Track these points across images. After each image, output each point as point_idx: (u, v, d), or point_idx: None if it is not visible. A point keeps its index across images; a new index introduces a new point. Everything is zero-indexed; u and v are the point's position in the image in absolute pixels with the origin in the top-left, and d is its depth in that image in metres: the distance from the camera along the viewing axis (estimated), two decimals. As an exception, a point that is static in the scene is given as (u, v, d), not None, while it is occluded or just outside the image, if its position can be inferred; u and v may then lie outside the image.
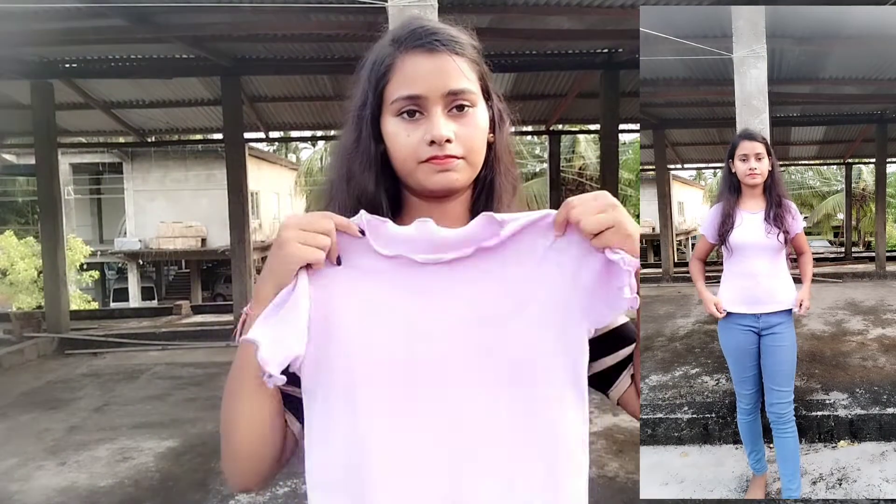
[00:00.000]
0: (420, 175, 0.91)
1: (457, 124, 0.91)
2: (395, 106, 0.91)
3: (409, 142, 0.90)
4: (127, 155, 20.14)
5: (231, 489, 0.98)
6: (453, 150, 0.90)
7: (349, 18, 6.77)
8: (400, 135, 0.91)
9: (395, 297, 0.85)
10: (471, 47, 0.96)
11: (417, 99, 0.90)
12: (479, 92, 0.95)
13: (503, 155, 1.00)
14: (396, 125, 0.91)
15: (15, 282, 11.03)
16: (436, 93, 0.90)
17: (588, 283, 0.85)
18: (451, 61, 0.91)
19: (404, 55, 0.91)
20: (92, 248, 16.73)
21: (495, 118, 0.99)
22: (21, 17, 6.43)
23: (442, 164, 0.90)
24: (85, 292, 18.02)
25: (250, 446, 0.88)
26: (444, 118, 0.90)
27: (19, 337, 9.02)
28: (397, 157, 0.93)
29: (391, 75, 0.91)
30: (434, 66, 0.90)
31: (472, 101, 0.92)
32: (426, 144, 0.90)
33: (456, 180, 0.92)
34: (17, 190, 21.99)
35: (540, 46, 8.84)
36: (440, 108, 0.90)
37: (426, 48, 0.91)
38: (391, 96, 0.91)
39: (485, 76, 0.97)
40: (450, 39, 0.92)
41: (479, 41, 0.99)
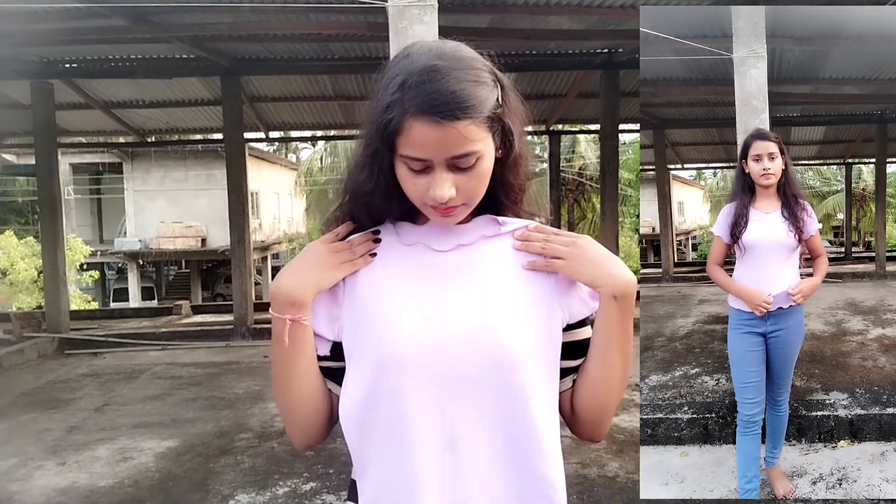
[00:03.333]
0: (426, 211, 1.00)
1: (459, 177, 0.95)
2: (403, 158, 0.95)
3: (415, 189, 0.97)
4: (127, 155, 20.13)
5: (297, 449, 1.33)
6: (455, 202, 0.97)
7: (349, 18, 6.77)
8: (408, 182, 0.97)
9: (410, 276, 1.03)
10: (483, 100, 0.93)
11: (423, 161, 0.94)
12: (489, 138, 0.96)
13: (508, 173, 1.04)
14: (405, 172, 0.97)
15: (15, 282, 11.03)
16: (440, 157, 0.93)
17: (565, 282, 1.04)
18: (456, 132, 0.91)
19: (412, 119, 0.91)
20: (92, 248, 16.75)
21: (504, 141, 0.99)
22: (21, 17, 6.42)
23: (444, 212, 0.98)
24: (85, 292, 18.03)
25: (305, 410, 1.06)
26: (446, 174, 0.95)
27: (19, 337, 9.02)
28: (405, 192, 0.99)
29: (399, 132, 0.93)
30: (440, 136, 0.91)
31: (476, 156, 0.95)
32: (430, 194, 0.96)
33: (458, 219, 1.01)
34: (17, 190, 21.98)
35: (540, 46, 8.83)
36: (444, 168, 0.94)
37: (433, 118, 0.90)
38: (399, 149, 0.95)
39: (498, 114, 0.96)
40: (459, 106, 0.90)
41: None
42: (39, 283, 10.42)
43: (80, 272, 14.53)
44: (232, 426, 5.36)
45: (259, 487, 4.09)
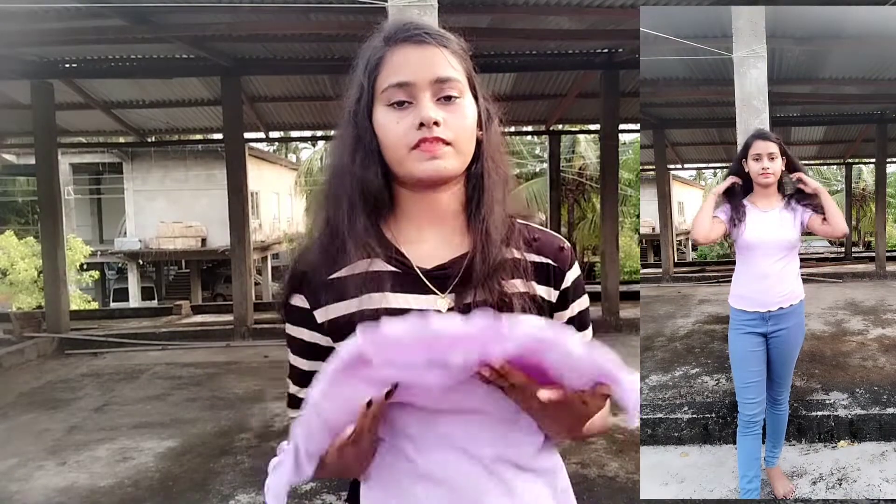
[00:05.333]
0: (410, 163, 0.95)
1: (445, 111, 0.95)
2: (386, 95, 0.95)
3: (398, 128, 0.94)
4: (127, 155, 20.12)
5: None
6: (441, 134, 0.94)
7: (349, 18, 6.77)
8: (390, 123, 0.95)
9: None
10: (458, 45, 1.00)
11: (406, 86, 0.94)
12: (466, 84, 0.99)
13: (493, 151, 1.03)
14: (387, 114, 0.95)
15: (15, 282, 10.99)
16: (424, 80, 0.94)
17: None
18: (438, 52, 0.96)
19: (394, 48, 0.96)
20: (92, 248, 16.69)
21: (482, 115, 1.02)
22: (21, 17, 6.42)
23: (431, 149, 0.93)
24: (85, 292, 17.99)
25: None
26: (432, 103, 0.94)
27: (19, 337, 9.02)
28: (388, 145, 0.96)
29: (382, 67, 0.96)
30: (422, 55, 0.95)
31: (459, 90, 0.96)
32: (415, 129, 0.93)
33: (444, 168, 0.95)
34: (17, 190, 21.99)
35: (540, 46, 8.82)
36: (428, 94, 0.94)
37: (414, 40, 0.96)
38: (382, 86, 0.95)
39: (472, 74, 1.01)
40: (437, 34, 0.97)
41: (474, 41, 1.04)
42: (39, 283, 10.39)
43: (80, 272, 14.48)
44: (232, 426, 5.36)
45: (259, 487, 4.09)
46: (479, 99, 1.01)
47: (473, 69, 1.02)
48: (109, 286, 23.18)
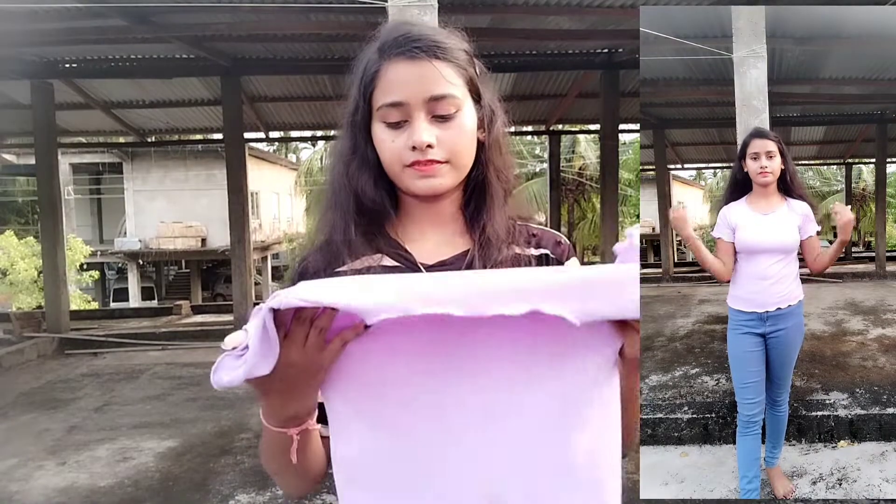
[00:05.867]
0: (405, 180, 0.95)
1: (440, 129, 0.93)
2: (381, 113, 0.94)
3: (393, 147, 0.93)
4: (127, 155, 20.12)
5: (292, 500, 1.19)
6: (435, 155, 0.93)
7: (349, 18, 6.77)
8: (385, 141, 0.94)
9: None
10: (457, 51, 0.96)
11: (400, 105, 0.92)
12: (466, 94, 0.96)
13: (495, 154, 1.01)
14: (383, 131, 0.94)
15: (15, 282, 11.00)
16: (417, 99, 0.92)
17: None
18: (432, 68, 0.93)
19: (388, 63, 0.94)
20: (92, 248, 16.70)
21: (485, 118, 0.99)
22: (21, 17, 6.42)
23: (424, 170, 0.93)
24: (85, 292, 17.99)
25: (298, 481, 1.00)
26: (426, 123, 0.92)
27: (19, 337, 9.02)
28: (384, 160, 0.96)
29: (377, 83, 0.94)
30: (415, 72, 0.92)
31: (455, 105, 0.94)
32: (409, 150, 0.92)
33: (440, 185, 0.95)
34: (17, 190, 21.97)
35: (540, 46, 8.83)
36: (423, 114, 0.92)
37: (407, 55, 0.92)
38: (377, 103, 0.94)
39: (473, 78, 0.98)
40: (431, 45, 0.93)
41: (474, 41, 1.00)
42: (39, 283, 10.40)
43: (80, 272, 14.49)
44: (232, 426, 5.35)
45: (259, 487, 4.09)
46: (481, 101, 1.00)
47: (479, 68, 1.00)
48: (109, 286, 23.18)
